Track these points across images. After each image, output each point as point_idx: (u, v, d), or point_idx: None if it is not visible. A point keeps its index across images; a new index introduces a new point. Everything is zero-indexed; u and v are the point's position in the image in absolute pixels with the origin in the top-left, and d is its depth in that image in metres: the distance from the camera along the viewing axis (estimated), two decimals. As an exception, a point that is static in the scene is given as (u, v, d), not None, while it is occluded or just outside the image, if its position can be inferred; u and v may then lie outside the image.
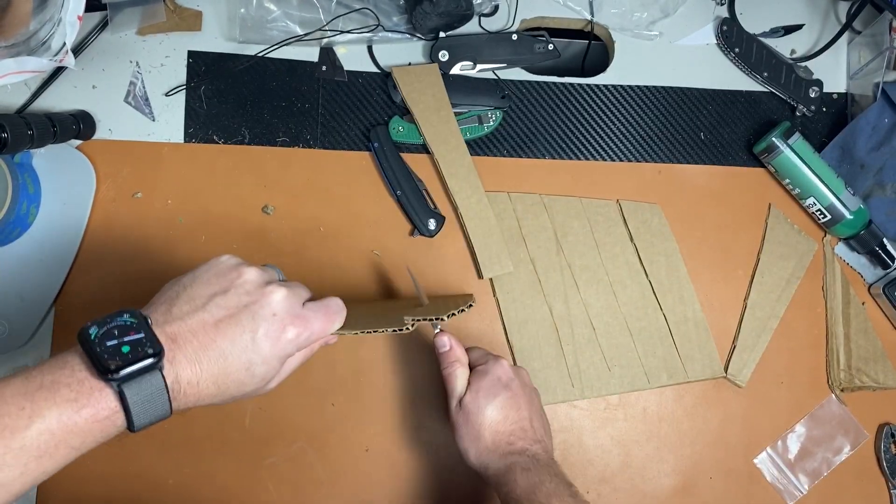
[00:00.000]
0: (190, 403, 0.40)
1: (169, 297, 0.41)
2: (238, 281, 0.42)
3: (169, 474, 0.63)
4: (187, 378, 0.39)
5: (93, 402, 0.36)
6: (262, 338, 0.41)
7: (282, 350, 0.42)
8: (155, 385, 0.37)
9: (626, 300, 0.68)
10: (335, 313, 0.46)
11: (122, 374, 0.36)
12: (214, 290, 0.41)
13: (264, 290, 0.42)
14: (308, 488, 0.63)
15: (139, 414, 0.37)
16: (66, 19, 0.51)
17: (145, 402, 0.37)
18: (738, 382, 0.67)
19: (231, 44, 0.68)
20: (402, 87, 0.66)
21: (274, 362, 0.42)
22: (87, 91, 0.66)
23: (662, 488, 0.66)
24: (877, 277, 0.71)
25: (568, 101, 0.70)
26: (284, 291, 0.43)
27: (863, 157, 0.69)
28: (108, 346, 0.37)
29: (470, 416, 0.53)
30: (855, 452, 0.68)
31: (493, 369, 0.54)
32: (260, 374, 0.41)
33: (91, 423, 0.36)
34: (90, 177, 0.64)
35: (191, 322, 0.40)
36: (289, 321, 0.42)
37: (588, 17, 0.71)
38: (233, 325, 0.40)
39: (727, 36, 0.71)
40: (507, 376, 0.55)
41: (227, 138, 0.67)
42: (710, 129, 0.71)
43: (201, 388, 0.39)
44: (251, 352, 0.40)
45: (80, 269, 0.64)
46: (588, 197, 0.69)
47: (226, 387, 0.40)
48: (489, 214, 0.66)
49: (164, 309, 0.40)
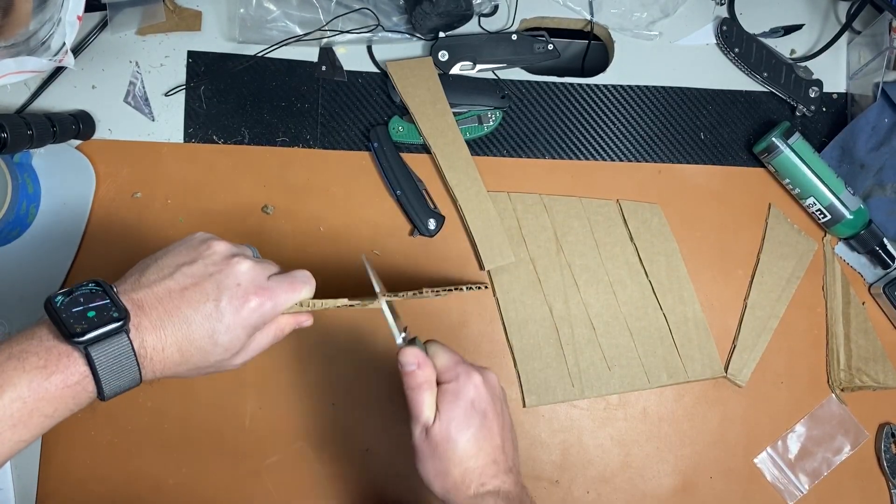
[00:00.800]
0: (157, 371, 0.40)
1: (140, 269, 0.43)
2: (206, 252, 0.43)
3: (169, 474, 0.63)
4: (152, 343, 0.39)
5: (62, 368, 0.37)
6: (226, 306, 0.41)
7: (245, 320, 0.42)
8: (122, 348, 0.38)
9: (626, 300, 0.68)
10: (301, 283, 0.46)
11: (88, 336, 0.37)
12: (183, 261, 0.43)
13: (230, 261, 0.43)
14: (308, 488, 0.63)
15: (108, 379, 0.38)
16: (66, 19, 0.51)
17: (113, 366, 0.38)
18: (739, 382, 0.67)
19: (231, 44, 0.68)
20: (397, 81, 0.66)
21: (237, 331, 0.42)
22: (87, 91, 0.66)
23: (662, 488, 0.66)
24: (877, 277, 0.71)
25: (568, 101, 0.70)
26: (250, 263, 0.44)
27: (863, 156, 0.69)
28: (73, 312, 0.38)
29: (438, 448, 0.47)
30: (855, 452, 0.68)
31: (465, 390, 0.47)
32: (223, 343, 0.42)
33: (62, 388, 0.37)
34: (90, 177, 0.64)
35: (157, 289, 0.41)
36: (252, 291, 0.43)
37: (588, 17, 0.71)
38: (197, 292, 0.41)
39: (727, 36, 0.71)
40: (481, 398, 0.48)
41: (226, 138, 0.67)
42: (710, 129, 0.71)
43: (166, 355, 0.40)
44: (214, 320, 0.41)
45: (79, 269, 0.64)
46: (588, 197, 0.69)
47: (189, 354, 0.41)
48: (489, 206, 0.66)
49: (134, 279, 0.42)
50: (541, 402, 0.65)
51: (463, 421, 0.47)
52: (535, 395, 0.65)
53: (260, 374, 0.64)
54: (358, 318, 0.65)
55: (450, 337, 0.66)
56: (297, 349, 0.64)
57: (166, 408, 0.63)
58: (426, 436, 0.47)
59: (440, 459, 0.47)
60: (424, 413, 0.47)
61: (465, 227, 0.67)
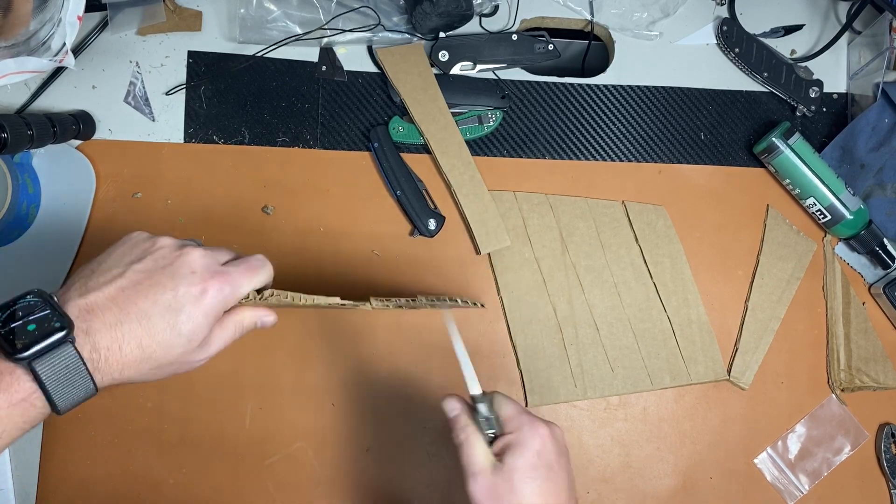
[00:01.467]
0: (115, 373, 0.39)
1: (84, 275, 0.41)
2: (153, 248, 0.43)
3: (169, 474, 0.63)
4: (107, 344, 0.38)
5: (4, 387, 0.36)
6: (184, 294, 0.40)
7: (206, 306, 0.41)
8: (68, 359, 0.37)
9: (630, 301, 0.67)
10: (257, 268, 0.45)
11: (30, 352, 0.36)
12: (131, 258, 0.42)
13: (181, 252, 0.43)
14: (308, 488, 0.63)
15: (59, 392, 0.37)
16: (66, 19, 0.51)
17: (62, 379, 0.36)
18: (742, 385, 0.67)
19: (231, 44, 0.68)
20: (388, 67, 0.66)
21: (199, 319, 0.41)
22: (87, 91, 0.66)
23: (662, 488, 0.66)
24: (877, 277, 0.71)
25: (568, 102, 0.70)
26: (201, 251, 0.43)
27: (863, 157, 0.69)
28: (12, 327, 0.36)
29: (502, 496, 0.43)
30: (855, 452, 0.68)
31: (531, 440, 0.45)
32: (185, 332, 0.41)
33: (6, 408, 0.36)
34: (90, 177, 0.64)
35: (108, 290, 0.40)
36: (208, 276, 0.42)
37: (588, 17, 0.71)
38: (153, 286, 0.40)
39: (727, 36, 0.71)
40: (547, 450, 0.46)
41: (226, 138, 0.67)
42: (710, 130, 0.71)
43: (125, 354, 0.39)
44: (174, 310, 0.40)
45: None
46: (588, 197, 0.69)
47: (151, 350, 0.40)
48: (483, 190, 0.66)
49: (79, 285, 0.40)
50: (543, 402, 0.65)
51: (528, 472, 0.44)
52: (537, 394, 0.65)
53: (260, 374, 0.64)
54: (358, 318, 0.65)
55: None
56: (297, 349, 0.64)
57: (166, 408, 0.63)
58: (486, 486, 0.44)
59: None
60: (479, 461, 0.45)
61: (461, 212, 0.67)
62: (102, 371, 0.38)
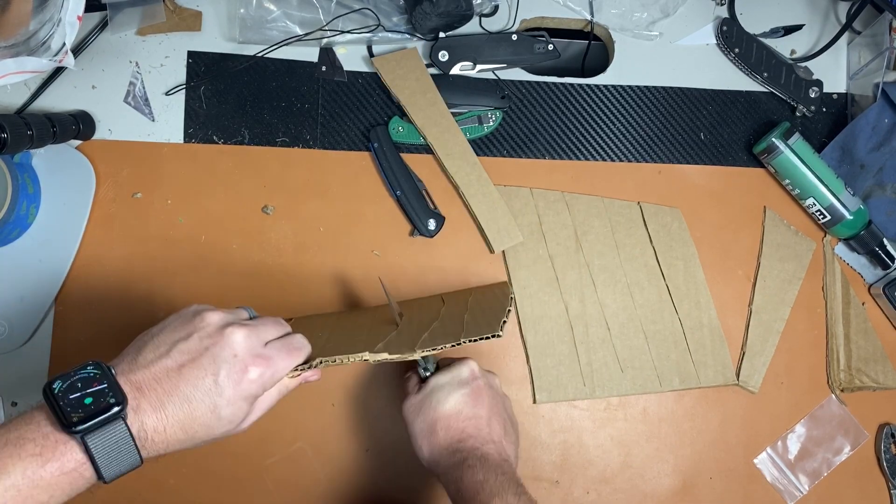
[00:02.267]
0: (160, 450, 0.40)
1: (137, 347, 0.42)
2: (200, 325, 0.43)
3: (169, 474, 0.63)
4: (153, 425, 0.39)
5: (58, 456, 0.37)
6: (224, 380, 0.41)
7: (245, 391, 0.42)
8: (119, 435, 0.37)
9: (642, 302, 0.67)
10: (298, 349, 0.46)
11: (84, 426, 0.37)
12: (178, 337, 0.42)
13: (224, 332, 0.42)
14: (308, 488, 0.63)
15: (106, 465, 0.38)
16: (66, 19, 0.51)
17: (111, 453, 0.37)
18: (751, 389, 0.67)
19: (231, 44, 0.68)
20: (385, 74, 0.66)
21: (240, 403, 0.42)
22: (87, 91, 0.66)
23: (662, 488, 0.66)
24: (877, 278, 0.71)
25: (568, 102, 0.70)
26: (245, 332, 0.43)
27: (863, 157, 0.69)
28: (70, 399, 0.37)
29: (422, 408, 0.52)
30: (855, 452, 0.68)
31: (457, 369, 0.53)
32: (226, 416, 0.42)
33: (57, 476, 0.37)
34: (90, 177, 0.64)
35: (154, 369, 0.40)
36: (250, 361, 0.42)
37: (588, 18, 0.71)
38: (195, 369, 0.41)
39: (727, 36, 0.71)
40: (469, 375, 0.53)
41: (226, 138, 0.67)
42: (710, 130, 0.71)
43: (169, 435, 0.40)
44: (214, 395, 0.41)
45: (79, 269, 0.64)
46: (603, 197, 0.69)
47: (193, 431, 0.41)
48: (491, 189, 0.66)
49: (131, 358, 0.41)
50: (551, 399, 0.65)
51: (445, 387, 0.52)
52: (546, 391, 0.65)
53: (260, 375, 0.64)
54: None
55: None
56: (297, 349, 0.64)
57: (166, 408, 0.63)
58: (411, 403, 0.53)
59: (425, 419, 0.51)
60: (407, 388, 0.53)
61: (471, 214, 0.67)
62: (148, 448, 0.39)
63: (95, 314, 0.63)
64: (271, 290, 0.65)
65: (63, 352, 0.63)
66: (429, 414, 0.51)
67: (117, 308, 0.64)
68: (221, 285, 0.65)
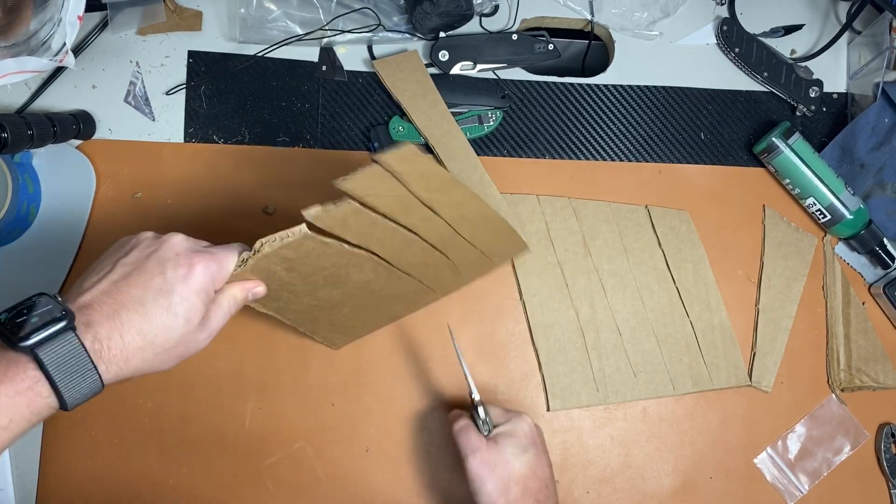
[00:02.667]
0: (121, 363, 0.39)
1: (79, 280, 0.43)
2: (137, 241, 0.44)
3: (169, 474, 0.63)
4: (107, 334, 0.39)
5: (10, 376, 0.36)
6: (172, 276, 0.41)
7: (196, 283, 0.42)
8: (71, 345, 0.37)
9: (653, 306, 0.67)
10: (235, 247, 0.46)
11: (33, 340, 0.36)
12: (118, 256, 0.43)
13: (163, 238, 0.44)
14: (308, 488, 0.63)
15: (65, 381, 0.37)
16: (67, 19, 0.51)
17: (66, 367, 0.37)
18: (764, 389, 0.67)
19: (231, 44, 0.68)
20: (386, 77, 0.66)
21: (192, 298, 0.42)
22: (87, 91, 0.66)
23: (662, 488, 0.66)
24: (877, 277, 0.71)
25: (568, 101, 0.70)
26: (182, 236, 0.44)
27: (863, 156, 0.69)
28: (17, 322, 0.37)
29: (497, 467, 0.51)
30: (855, 452, 0.68)
31: (519, 426, 0.54)
32: (182, 312, 0.41)
33: (13, 397, 0.36)
34: (90, 177, 0.64)
35: (101, 286, 0.41)
36: (193, 255, 0.43)
37: (588, 17, 0.71)
38: (141, 273, 0.41)
39: (727, 36, 0.71)
40: (533, 434, 0.54)
41: (227, 138, 0.67)
42: (710, 129, 0.71)
43: (127, 342, 0.39)
44: (166, 292, 0.41)
45: (79, 269, 0.64)
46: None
47: (153, 335, 0.40)
48: (494, 191, 0.66)
49: (75, 287, 0.42)
50: (565, 406, 0.65)
51: (518, 447, 0.52)
52: (559, 398, 0.65)
53: (260, 374, 0.64)
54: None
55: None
56: (297, 349, 0.64)
57: (166, 408, 0.63)
58: (482, 459, 0.51)
59: (499, 478, 0.51)
60: (474, 442, 0.52)
61: None
62: (106, 361, 0.39)
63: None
64: (271, 289, 0.65)
65: None
66: (503, 472, 0.51)
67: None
68: (222, 285, 0.65)
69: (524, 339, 0.66)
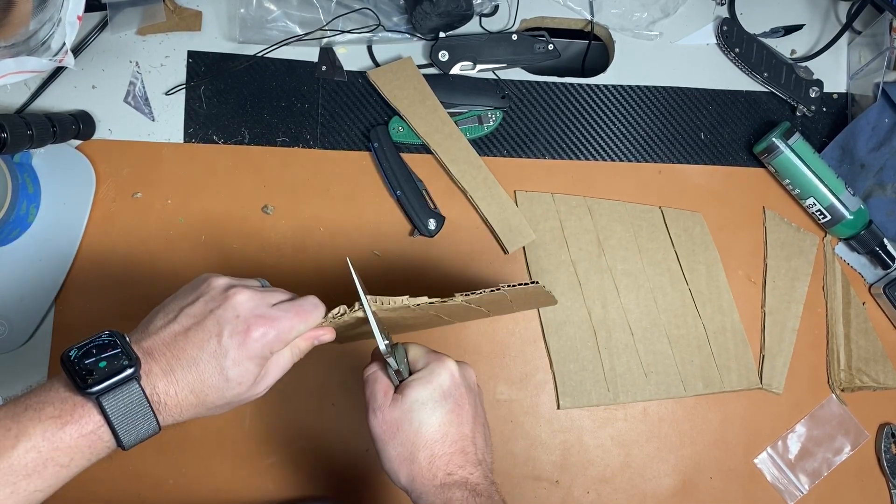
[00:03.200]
0: (176, 415, 0.41)
1: (149, 318, 0.43)
2: (206, 290, 0.43)
3: (169, 474, 0.63)
4: (164, 388, 0.40)
5: (76, 419, 0.37)
6: (228, 340, 0.41)
7: (251, 351, 0.42)
8: (133, 396, 0.38)
9: (665, 307, 0.67)
10: (309, 310, 0.45)
11: (99, 387, 0.37)
12: (185, 302, 0.43)
13: (227, 294, 0.43)
14: (308, 488, 0.63)
15: (124, 427, 0.38)
16: (66, 19, 0.51)
17: (127, 414, 0.38)
18: (775, 391, 0.67)
19: (231, 44, 0.68)
20: (382, 87, 0.66)
21: (246, 364, 0.42)
22: (87, 91, 0.66)
23: (662, 488, 0.66)
24: (877, 277, 0.71)
25: (568, 101, 0.70)
26: (249, 293, 0.43)
27: (863, 157, 0.69)
28: (86, 364, 0.38)
29: (400, 429, 0.44)
30: (855, 452, 0.68)
31: (435, 375, 0.46)
32: (234, 377, 0.41)
33: (76, 438, 0.37)
34: (90, 177, 0.64)
35: (163, 335, 0.41)
36: (253, 321, 0.42)
37: (588, 18, 0.71)
38: (200, 331, 0.41)
39: (727, 36, 0.71)
40: (454, 384, 0.46)
41: (226, 138, 0.67)
42: (710, 130, 0.71)
43: (181, 399, 0.40)
44: (220, 356, 0.41)
45: (79, 269, 0.64)
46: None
47: (204, 395, 0.41)
48: (499, 190, 0.66)
49: (142, 327, 0.42)
50: (575, 405, 0.65)
51: (429, 404, 0.45)
52: (570, 397, 0.65)
53: (260, 375, 0.64)
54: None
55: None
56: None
57: (166, 408, 0.63)
58: (385, 419, 0.45)
59: (403, 443, 0.44)
60: (378, 399, 0.46)
61: (481, 216, 0.66)
62: (163, 412, 0.40)
63: (95, 314, 0.63)
64: (271, 289, 0.65)
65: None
66: (409, 437, 0.44)
67: (117, 308, 0.64)
68: (221, 285, 0.65)
69: (524, 339, 0.66)
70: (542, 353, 0.66)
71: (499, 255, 0.67)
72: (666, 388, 0.66)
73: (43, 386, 0.39)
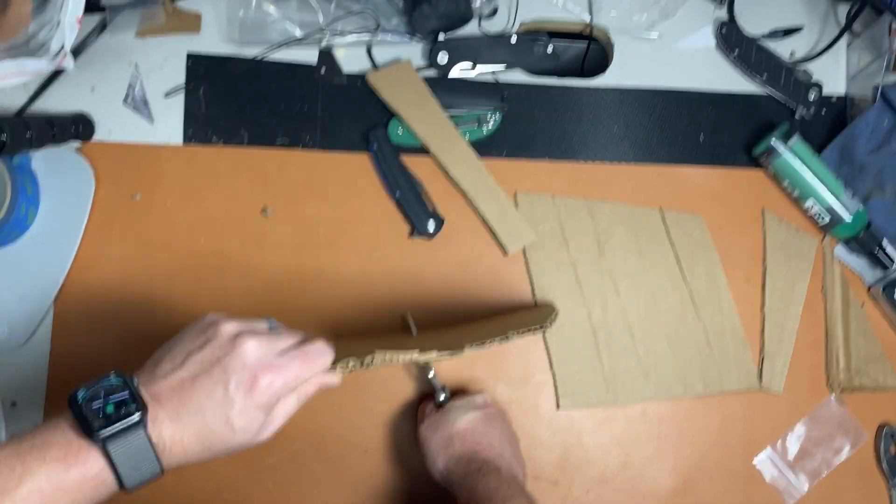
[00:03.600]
0: (180, 460, 0.41)
1: (155, 359, 0.43)
2: (213, 335, 0.43)
3: (168, 474, 0.62)
4: (170, 435, 0.40)
5: (80, 462, 0.37)
6: (234, 390, 0.41)
7: (257, 400, 0.42)
8: (139, 443, 0.38)
9: (665, 308, 0.67)
10: (315, 357, 0.45)
11: (106, 433, 0.37)
12: (192, 348, 0.42)
13: (235, 342, 0.42)
14: (308, 488, 0.63)
15: (128, 472, 0.38)
16: (66, 21, 0.51)
17: (132, 460, 0.38)
18: (774, 392, 0.67)
19: (230, 46, 0.68)
20: (381, 90, 0.66)
21: (253, 413, 0.42)
22: (86, 93, 0.66)
23: (662, 488, 0.66)
24: (876, 278, 0.71)
25: (567, 103, 0.70)
26: (256, 342, 0.43)
27: (862, 159, 0.69)
28: (93, 408, 0.38)
29: (438, 426, 0.56)
30: (855, 453, 0.68)
31: (472, 398, 0.58)
32: (240, 426, 0.41)
33: (80, 481, 0.37)
34: (89, 179, 0.64)
35: (171, 380, 0.41)
36: (259, 370, 0.42)
37: (587, 20, 0.71)
38: (207, 380, 0.41)
39: (726, 38, 0.71)
40: (483, 401, 0.58)
41: (226, 140, 0.67)
42: (710, 131, 0.72)
43: (186, 445, 0.41)
44: (226, 406, 0.41)
45: (79, 271, 0.64)
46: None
47: (210, 443, 0.41)
48: (498, 191, 0.66)
49: (150, 369, 0.42)
50: (575, 406, 0.65)
51: (462, 408, 0.56)
52: (569, 397, 0.65)
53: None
54: (358, 319, 0.65)
55: None
56: (296, 351, 0.64)
57: (166, 409, 0.63)
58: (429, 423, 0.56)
59: (441, 433, 0.55)
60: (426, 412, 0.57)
61: (481, 218, 0.66)
62: (167, 457, 0.40)
63: (95, 315, 0.63)
64: (271, 291, 0.65)
65: (62, 352, 0.63)
66: (445, 430, 0.55)
67: (117, 309, 0.64)
68: (221, 287, 0.65)
69: (524, 341, 0.66)
70: (541, 354, 0.66)
71: (498, 257, 0.67)
72: (666, 389, 0.66)
73: (48, 424, 0.39)
